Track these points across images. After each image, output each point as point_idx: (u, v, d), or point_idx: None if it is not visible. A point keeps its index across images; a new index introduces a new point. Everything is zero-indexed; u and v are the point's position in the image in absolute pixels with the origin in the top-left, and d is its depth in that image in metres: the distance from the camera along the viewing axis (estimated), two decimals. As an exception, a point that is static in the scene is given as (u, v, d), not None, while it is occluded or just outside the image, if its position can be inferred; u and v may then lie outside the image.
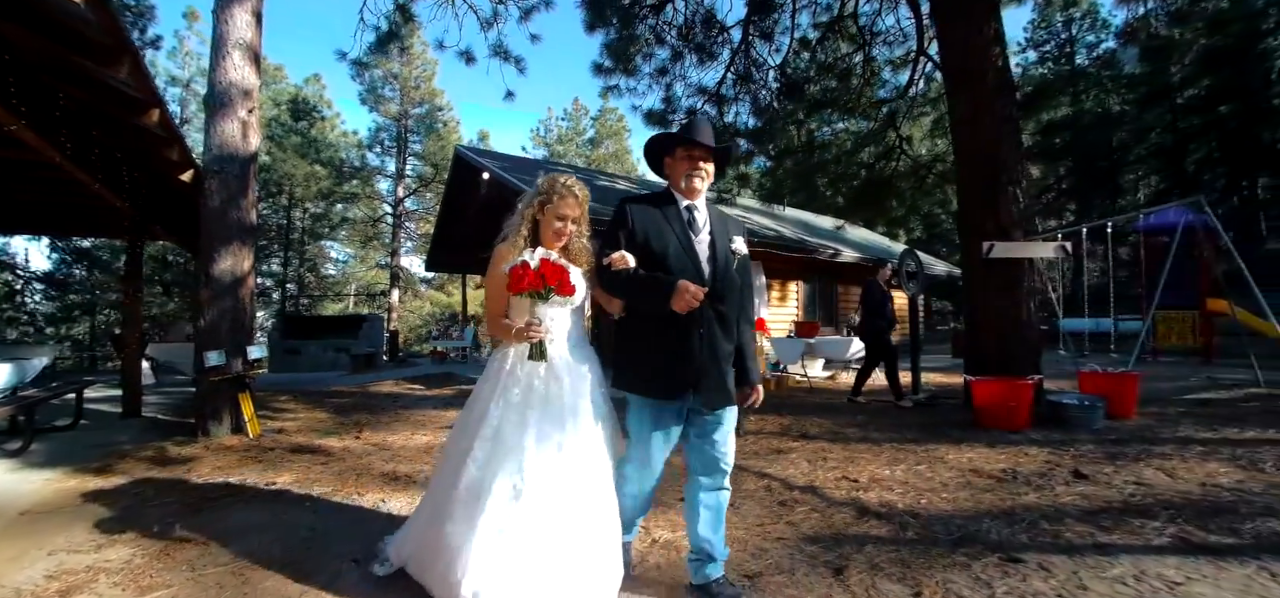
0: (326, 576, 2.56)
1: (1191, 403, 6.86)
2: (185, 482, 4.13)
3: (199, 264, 5.96)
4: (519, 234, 2.31)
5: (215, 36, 6.23)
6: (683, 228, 2.27)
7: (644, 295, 2.18)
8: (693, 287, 2.05)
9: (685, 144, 2.30)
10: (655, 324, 2.18)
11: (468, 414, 2.30)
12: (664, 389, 2.19)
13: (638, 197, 2.37)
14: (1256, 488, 3.58)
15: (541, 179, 2.39)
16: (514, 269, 2.10)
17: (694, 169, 2.27)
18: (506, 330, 2.24)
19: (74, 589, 2.48)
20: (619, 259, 2.15)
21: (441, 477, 2.33)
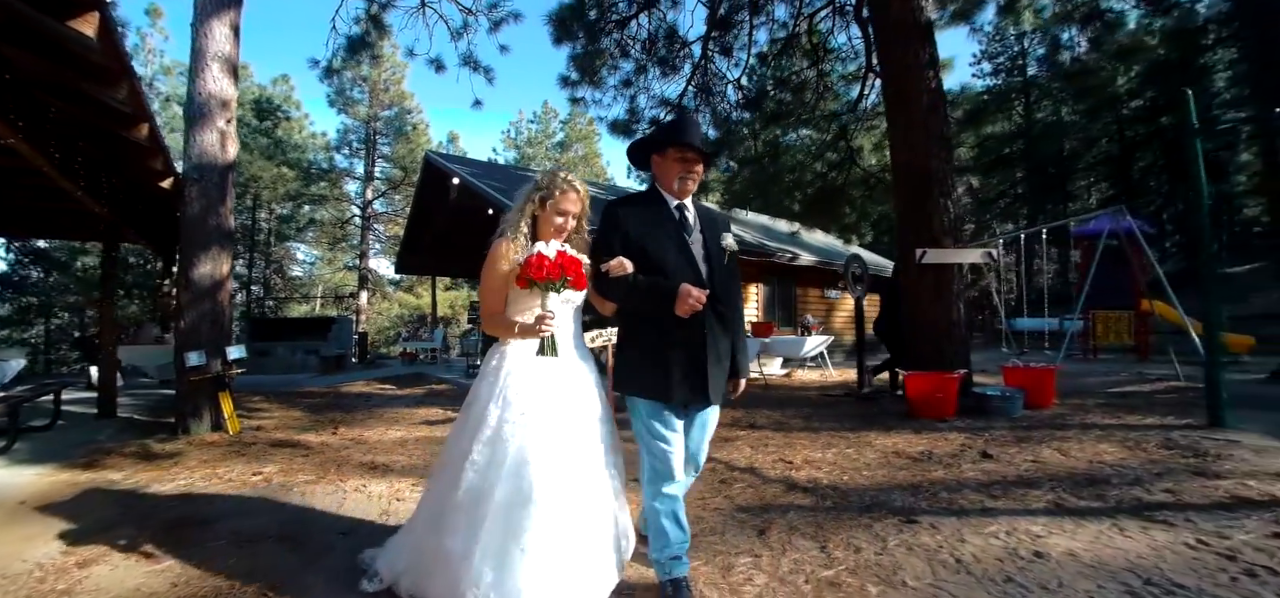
0: (317, 547, 2.93)
1: (1112, 396, 7.50)
2: (174, 473, 4.42)
3: (179, 268, 6.21)
4: (518, 229, 2.26)
5: (194, 49, 6.47)
6: (676, 229, 2.27)
7: (646, 302, 2.16)
8: (696, 291, 2.06)
9: (678, 145, 2.27)
10: (657, 328, 2.17)
11: (465, 418, 2.23)
12: (670, 392, 2.18)
13: (626, 199, 2.37)
14: (1135, 464, 4.14)
15: (541, 174, 2.37)
16: (530, 258, 2.04)
17: (688, 171, 2.26)
18: (508, 328, 2.20)
19: (90, 562, 2.79)
20: (617, 266, 2.11)
21: (438, 485, 2.24)
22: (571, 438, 2.11)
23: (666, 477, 2.23)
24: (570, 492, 2.04)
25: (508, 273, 2.17)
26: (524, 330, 2.14)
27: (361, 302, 27.99)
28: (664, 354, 2.17)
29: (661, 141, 2.34)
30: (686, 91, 10.80)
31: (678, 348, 2.17)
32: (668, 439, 2.21)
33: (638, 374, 2.23)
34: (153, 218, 8.11)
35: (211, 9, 6.48)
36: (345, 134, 29.31)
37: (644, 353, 2.23)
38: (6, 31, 3.44)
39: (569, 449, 2.08)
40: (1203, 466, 4.01)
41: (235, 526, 3.24)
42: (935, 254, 6.58)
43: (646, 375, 2.21)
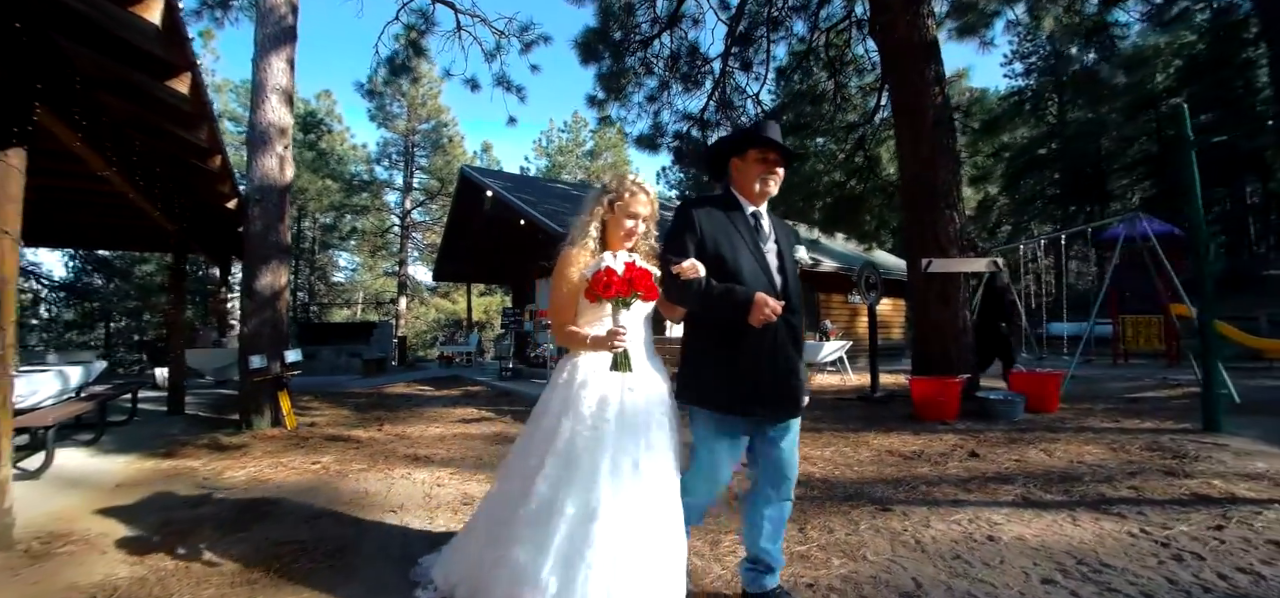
0: (370, 522, 3.45)
1: (1124, 401, 7.67)
2: (243, 462, 5.02)
3: (243, 280, 6.86)
4: (587, 235, 2.22)
5: (254, 82, 7.16)
6: (752, 235, 2.21)
7: (719, 309, 2.07)
8: (772, 301, 1.98)
9: (760, 145, 2.20)
10: (728, 337, 2.10)
11: (534, 429, 2.18)
12: (738, 405, 2.12)
13: (702, 199, 2.29)
14: (1112, 463, 4.45)
15: (609, 177, 2.34)
16: (598, 275, 1.98)
17: (769, 172, 2.20)
18: (579, 341, 2.14)
19: (186, 533, 3.35)
20: (690, 269, 2.03)
21: (502, 496, 2.21)
22: (642, 452, 2.04)
23: (709, 486, 2.24)
24: (639, 507, 1.98)
25: (578, 282, 2.12)
26: (596, 343, 2.09)
27: (401, 307, 29.02)
28: (735, 364, 2.10)
29: (742, 143, 2.27)
30: (708, 106, 11.22)
31: (749, 358, 2.09)
32: (719, 453, 2.18)
33: (704, 384, 2.17)
34: (214, 233, 8.85)
35: (270, 45, 7.16)
36: (385, 147, 30.50)
37: (712, 362, 2.15)
38: (110, 86, 4.06)
39: (640, 464, 2.02)
40: (1176, 466, 4.31)
41: (301, 504, 3.79)
42: (941, 264, 6.89)
43: (714, 386, 2.14)
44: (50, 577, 2.74)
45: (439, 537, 3.16)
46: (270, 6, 7.25)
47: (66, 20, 3.25)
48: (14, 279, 3.20)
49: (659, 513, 2.03)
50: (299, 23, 7.61)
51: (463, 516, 3.51)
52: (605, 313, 2.11)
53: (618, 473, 1.98)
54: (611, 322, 2.06)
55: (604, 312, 2.10)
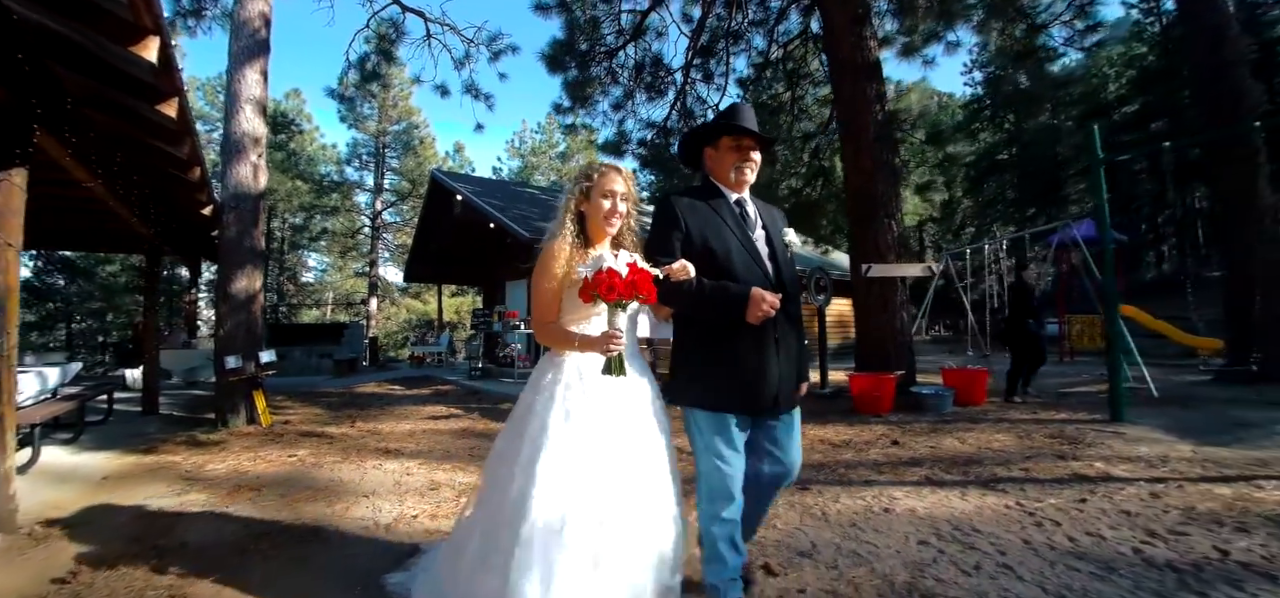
0: (346, 504, 3.84)
1: (1055, 395, 8.28)
2: (222, 456, 5.34)
3: (217, 284, 7.15)
4: (564, 230, 2.12)
5: (229, 93, 7.45)
6: (738, 224, 2.13)
7: (714, 310, 2.00)
8: (769, 295, 1.92)
9: (732, 132, 2.15)
10: (725, 334, 2.03)
11: (518, 435, 2.03)
12: (740, 404, 2.06)
13: (684, 191, 2.21)
14: (1015, 448, 5.01)
15: (577, 170, 2.28)
16: (599, 276, 1.85)
17: (744, 160, 2.14)
18: (566, 340, 2.04)
19: (179, 511, 3.70)
20: (680, 270, 1.95)
21: (488, 507, 2.05)
22: (636, 457, 1.98)
23: (727, 498, 2.09)
24: (641, 514, 1.93)
25: (562, 277, 2.04)
26: (586, 344, 2.00)
27: (371, 308, 29.06)
28: (734, 362, 2.03)
29: (713, 132, 2.22)
30: (671, 115, 11.70)
31: (749, 354, 2.02)
32: (729, 459, 2.08)
33: (700, 384, 2.09)
34: (187, 236, 9.06)
35: (244, 58, 7.45)
36: (356, 148, 30.53)
37: (710, 361, 2.07)
38: (99, 105, 4.38)
39: (633, 469, 1.96)
40: (1068, 451, 4.87)
41: (281, 490, 4.16)
42: (880, 269, 7.44)
43: (711, 386, 2.06)
44: (56, 555, 3.08)
45: (409, 521, 3.57)
46: (244, 20, 7.54)
47: (64, 50, 3.57)
48: (16, 288, 3.52)
49: (658, 517, 1.98)
50: (272, 34, 7.90)
51: (428, 500, 3.92)
52: (594, 312, 2.04)
53: (610, 479, 1.91)
54: (607, 323, 1.96)
55: (592, 311, 2.03)
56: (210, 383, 11.98)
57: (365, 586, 2.64)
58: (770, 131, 12.15)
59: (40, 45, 3.52)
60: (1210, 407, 6.93)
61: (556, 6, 10.32)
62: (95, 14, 3.07)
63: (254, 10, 7.61)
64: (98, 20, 3.11)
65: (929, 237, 40.33)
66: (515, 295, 14.16)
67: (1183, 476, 4.11)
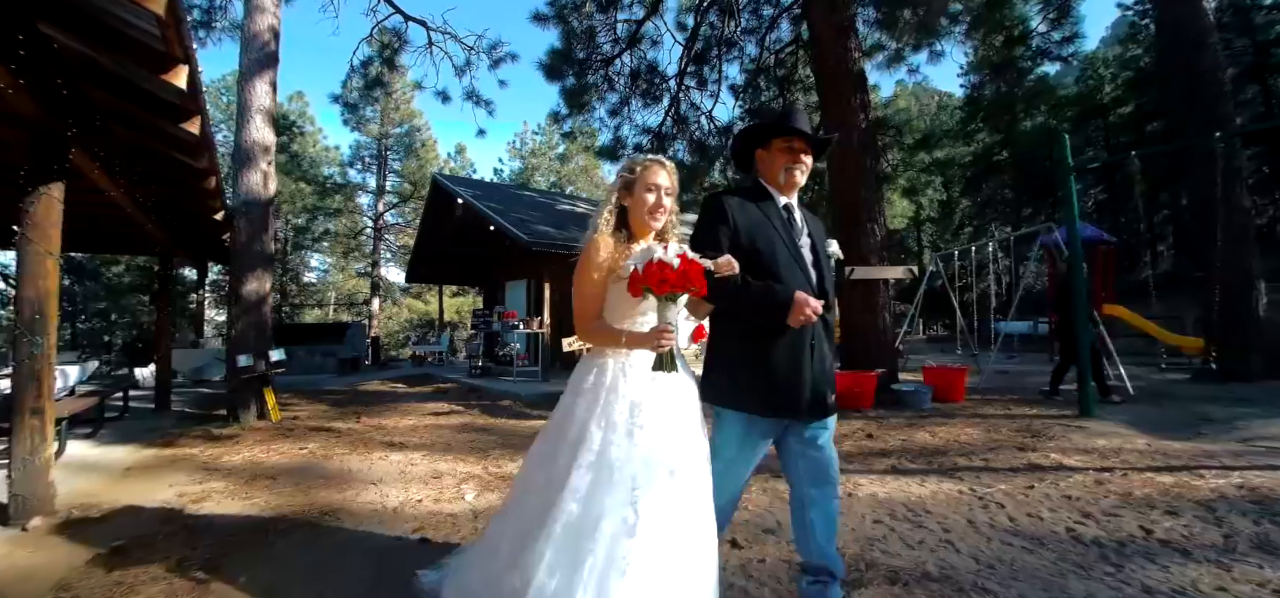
0: (356, 491, 4.17)
1: (1034, 392, 8.56)
2: (237, 449, 5.67)
3: (230, 287, 7.48)
4: (609, 224, 2.07)
5: (240, 103, 7.79)
6: (786, 229, 2.12)
7: (757, 309, 2.00)
8: (813, 300, 1.93)
9: (783, 134, 2.12)
10: (763, 336, 2.02)
11: (558, 438, 1.98)
12: (777, 408, 2.04)
13: (732, 190, 2.20)
14: (979, 442, 5.34)
15: (621, 162, 2.29)
16: (650, 268, 1.78)
17: (795, 161, 2.12)
18: (612, 338, 1.98)
19: (201, 499, 4.03)
20: (726, 264, 1.91)
21: (523, 510, 1.99)
22: (680, 460, 1.89)
23: (730, 501, 2.16)
24: (677, 521, 1.83)
25: (607, 272, 1.99)
26: (635, 341, 1.94)
27: (374, 307, 29.40)
28: (773, 365, 2.02)
29: (765, 133, 2.19)
30: (665, 121, 12.03)
31: (788, 358, 2.02)
32: (746, 463, 2.12)
33: (739, 385, 2.07)
34: (197, 239, 9.39)
35: (254, 70, 7.79)
36: (358, 150, 30.87)
37: (748, 362, 2.05)
38: (124, 120, 4.71)
39: (676, 472, 1.87)
40: (1029, 443, 5.21)
41: (295, 479, 4.49)
42: (862, 271, 7.77)
43: (750, 387, 2.04)
44: (95, 534, 3.41)
45: (414, 505, 3.91)
46: (254, 33, 7.88)
47: (99, 75, 3.91)
48: (56, 292, 3.86)
49: (698, 523, 1.89)
50: (280, 47, 8.24)
51: (432, 487, 4.25)
52: (639, 311, 1.98)
53: (654, 485, 1.82)
54: (657, 318, 1.90)
55: (637, 308, 1.97)
56: (216, 382, 12.36)
57: (380, 562, 2.97)
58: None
59: (77, 70, 3.85)
60: (1180, 404, 7.26)
61: (554, 17, 10.65)
62: (130, 45, 3.39)
63: (263, 24, 7.95)
64: (132, 50, 3.44)
65: (928, 237, 40.70)
66: (514, 296, 14.49)
67: (1130, 465, 4.44)
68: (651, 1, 11.73)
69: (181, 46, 3.42)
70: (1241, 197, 9.86)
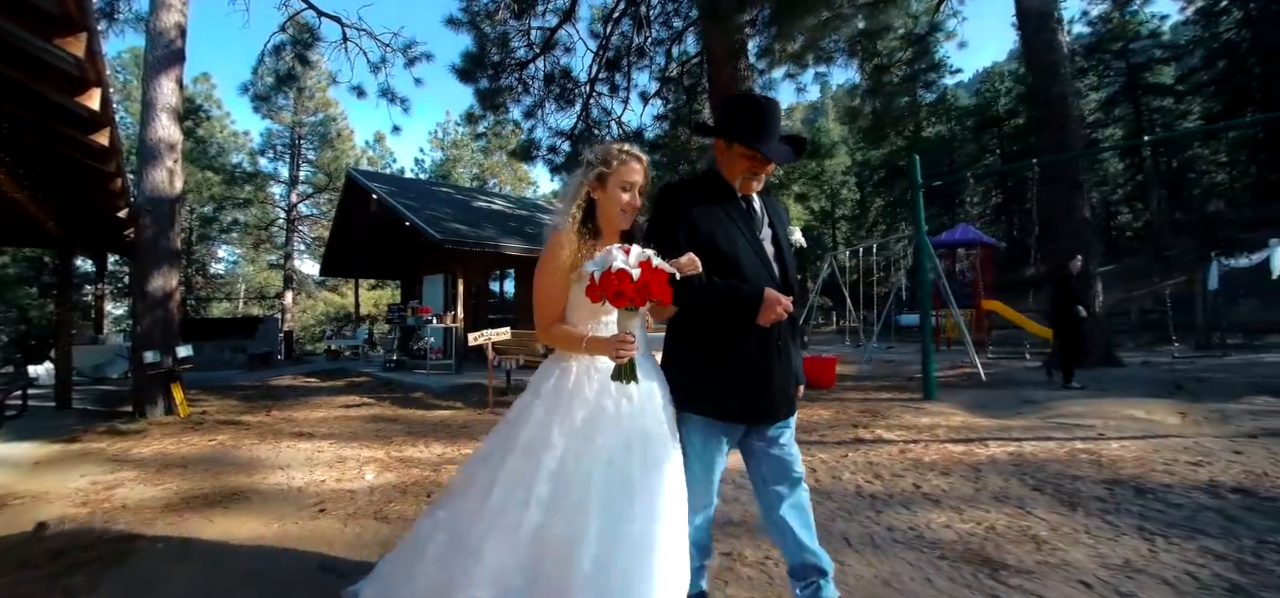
0: (264, 473, 4.60)
1: (903, 379, 9.65)
2: (145, 442, 5.92)
3: (135, 283, 7.59)
4: (574, 220, 1.96)
5: (145, 101, 7.87)
6: (746, 221, 2.02)
7: (723, 309, 1.90)
8: (782, 299, 1.84)
9: (748, 147, 1.95)
10: (728, 337, 1.94)
11: (507, 443, 1.90)
12: (741, 412, 1.98)
13: (688, 182, 2.10)
14: (826, 421, 6.22)
15: (592, 151, 2.05)
16: (608, 277, 1.68)
17: (754, 174, 2.00)
18: (573, 342, 1.89)
19: (114, 486, 4.36)
20: (689, 264, 1.82)
21: (465, 513, 1.90)
22: (647, 468, 1.81)
23: (704, 506, 2.06)
24: (648, 529, 1.75)
25: (568, 273, 1.91)
26: (596, 347, 1.85)
27: (287, 301, 28.64)
28: (737, 366, 1.95)
29: (728, 136, 2.02)
30: (578, 125, 12.63)
31: (752, 358, 1.95)
32: (716, 467, 2.04)
33: (700, 387, 1.99)
34: (98, 234, 9.31)
35: (160, 67, 7.88)
36: (270, 138, 29.88)
37: (709, 363, 1.98)
38: (31, 127, 4.92)
39: (644, 481, 1.79)
40: (864, 421, 6.13)
41: (205, 466, 4.87)
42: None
43: (712, 391, 1.97)
44: (15, 520, 3.72)
45: (318, 485, 4.39)
46: (160, 30, 7.96)
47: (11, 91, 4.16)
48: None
49: (668, 532, 1.78)
50: (187, 44, 8.32)
51: (335, 470, 4.72)
52: (603, 311, 1.88)
53: (622, 491, 1.75)
54: (618, 327, 1.82)
55: (601, 309, 1.87)
56: (118, 379, 12.11)
57: (282, 521, 3.47)
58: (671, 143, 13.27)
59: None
60: (1017, 388, 8.43)
61: (467, 23, 11.04)
62: (20, 7, 3.17)
63: (170, 21, 8.03)
64: (22, 12, 3.19)
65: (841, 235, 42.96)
66: (432, 290, 14.74)
67: (936, 438, 5.38)
68: (565, 9, 12.29)
69: (95, 70, 3.76)
70: (1082, 206, 11.29)
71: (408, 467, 4.80)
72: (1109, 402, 6.85)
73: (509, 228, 14.06)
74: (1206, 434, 5.31)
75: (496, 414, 7.11)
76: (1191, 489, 3.87)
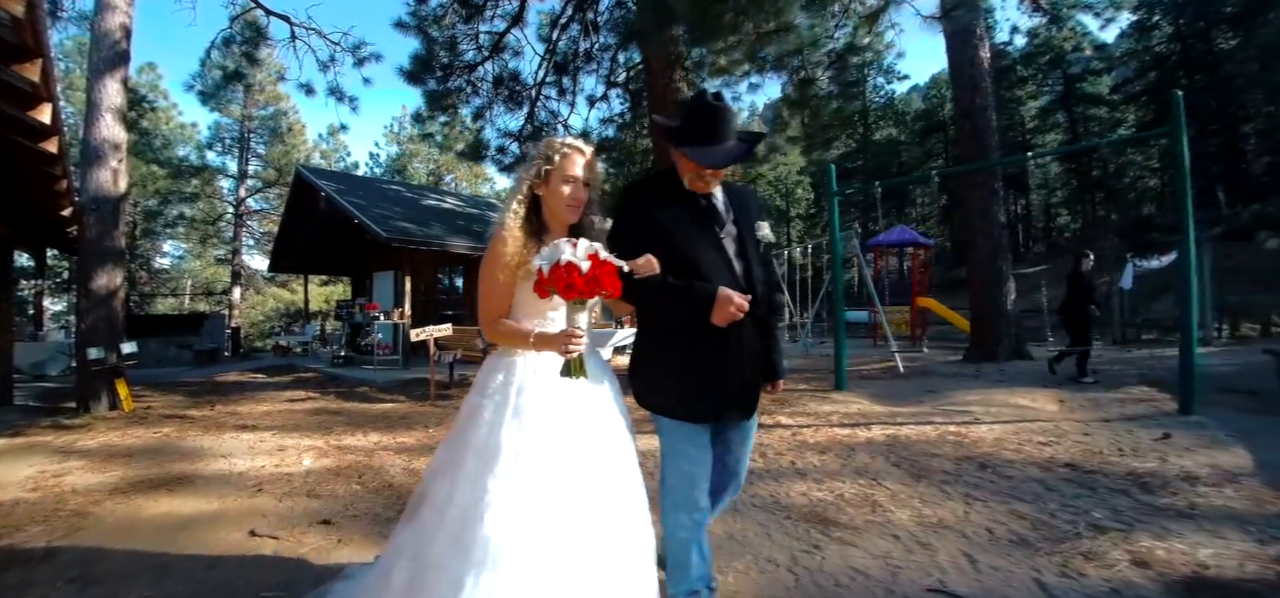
0: (208, 460, 4.95)
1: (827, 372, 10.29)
2: (91, 436, 6.16)
3: (79, 281, 7.76)
4: (518, 217, 1.95)
5: (89, 101, 8.01)
6: (708, 221, 2.03)
7: (678, 308, 1.91)
8: (738, 297, 1.83)
9: (684, 151, 1.96)
10: (687, 337, 1.95)
11: (460, 448, 1.86)
12: (701, 411, 1.99)
13: (648, 181, 2.14)
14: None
15: (535, 147, 2.08)
16: (557, 270, 1.66)
17: (698, 176, 1.99)
18: (519, 338, 1.88)
19: (62, 474, 4.66)
20: (645, 264, 1.83)
21: (427, 531, 1.83)
22: (602, 467, 1.82)
23: (693, 506, 2.00)
24: (607, 524, 1.76)
25: (513, 270, 1.89)
26: (543, 343, 1.84)
27: (234, 297, 28.25)
28: (699, 366, 1.96)
29: (674, 140, 2.02)
30: (525, 127, 13.04)
31: (714, 359, 1.95)
32: (698, 462, 2.01)
33: (665, 389, 2.01)
34: (39, 232, 9.37)
35: (105, 68, 8.03)
36: (218, 131, 29.39)
37: (672, 364, 2.00)
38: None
39: (601, 476, 1.80)
40: (772, 409, 6.67)
41: (151, 456, 5.19)
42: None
43: (676, 391, 1.99)
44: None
45: (258, 470, 4.78)
46: (105, 31, 8.10)
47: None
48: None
49: (627, 526, 1.80)
50: (132, 45, 8.47)
51: (275, 456, 5.10)
52: (551, 308, 1.91)
53: (577, 487, 1.74)
54: (565, 321, 1.81)
55: (548, 307, 1.90)
56: (58, 376, 12.08)
57: (221, 497, 3.87)
58: (616, 147, 13.76)
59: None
60: (930, 379, 9.10)
61: (414, 28, 11.34)
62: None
63: (115, 22, 8.17)
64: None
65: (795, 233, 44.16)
66: (382, 286, 14.97)
67: (829, 423, 6.00)
68: (514, 13, 12.67)
69: (48, 90, 4.07)
70: (998, 212, 12.12)
71: (344, 453, 5.20)
72: (1001, 391, 7.57)
73: (457, 226, 14.37)
74: (1072, 419, 5.98)
75: (438, 407, 7.52)
76: (1028, 465, 4.50)
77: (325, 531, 3.35)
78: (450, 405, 7.51)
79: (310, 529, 3.37)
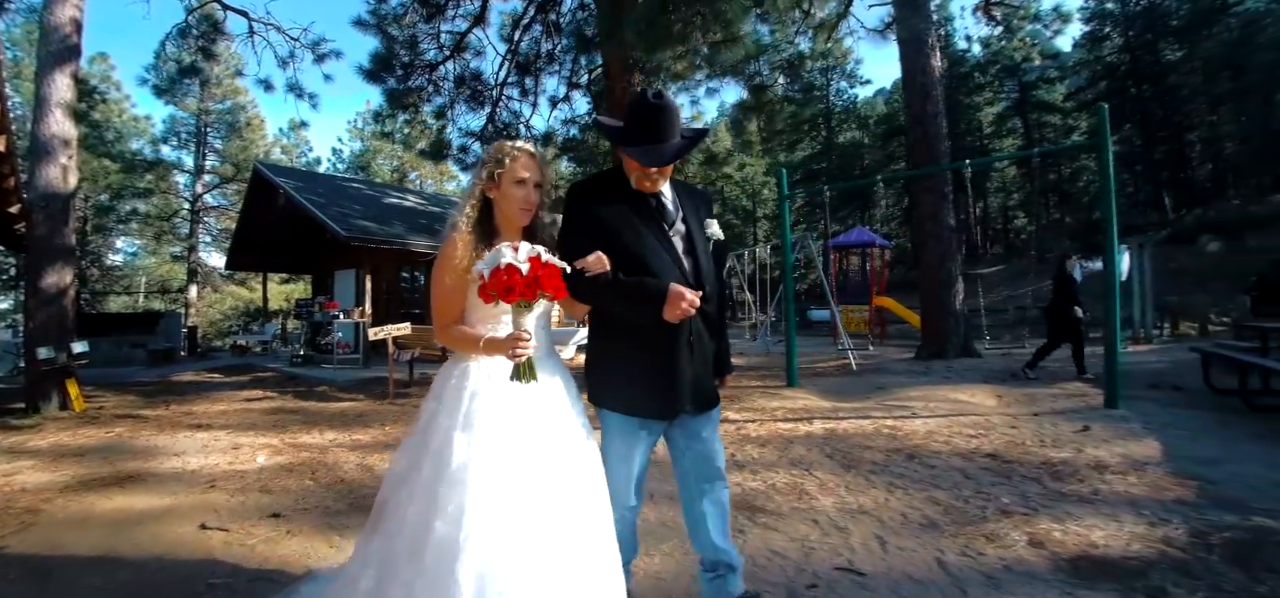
0: (162, 459, 5.01)
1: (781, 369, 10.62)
2: (41, 436, 6.13)
3: (29, 280, 7.65)
4: (470, 222, 1.97)
5: (38, 97, 7.90)
6: (655, 218, 2.04)
7: (630, 305, 1.93)
8: (688, 293, 1.85)
9: (626, 150, 1.98)
10: (640, 333, 1.96)
11: (418, 454, 1.87)
12: (654, 408, 2.01)
13: (595, 179, 2.16)
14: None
15: (485, 150, 2.09)
16: (497, 274, 1.67)
17: (645, 176, 2.00)
18: (470, 343, 1.89)
19: (12, 474, 4.67)
20: (595, 263, 1.87)
21: (389, 542, 1.82)
22: (557, 467, 1.81)
23: (626, 503, 2.07)
24: (566, 527, 1.76)
25: (463, 274, 1.90)
26: (492, 347, 1.84)
27: (191, 295, 27.64)
28: (651, 362, 1.98)
29: (616, 140, 2.08)
30: (487, 127, 13.12)
31: (666, 354, 1.97)
32: (635, 463, 2.06)
33: (615, 387, 2.04)
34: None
35: (54, 63, 7.92)
36: (174, 125, 28.65)
37: (625, 361, 2.02)
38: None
39: (557, 478, 1.80)
40: (725, 406, 6.96)
41: (103, 455, 5.22)
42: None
43: (626, 388, 2.02)
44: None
45: (212, 467, 4.85)
46: (54, 25, 7.99)
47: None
48: None
49: (588, 527, 1.81)
50: (83, 38, 8.35)
51: (228, 455, 5.17)
52: (503, 311, 1.88)
53: (532, 491, 1.73)
54: (512, 325, 1.81)
55: (499, 311, 1.89)
56: (4, 376, 11.80)
57: (174, 494, 3.96)
58: (579, 148, 13.92)
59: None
60: (881, 375, 9.43)
61: (374, 27, 11.35)
62: None
63: (65, 16, 8.06)
64: None
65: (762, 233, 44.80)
66: (343, 284, 14.88)
67: (774, 418, 6.26)
68: (476, 13, 12.74)
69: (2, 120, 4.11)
70: (948, 216, 12.57)
71: (299, 451, 5.29)
72: (944, 388, 7.91)
73: (419, 224, 14.37)
74: (1005, 413, 6.25)
75: (396, 405, 7.60)
76: (954, 456, 4.78)
77: (275, 523, 3.48)
78: (409, 403, 7.61)
79: (261, 522, 3.50)
